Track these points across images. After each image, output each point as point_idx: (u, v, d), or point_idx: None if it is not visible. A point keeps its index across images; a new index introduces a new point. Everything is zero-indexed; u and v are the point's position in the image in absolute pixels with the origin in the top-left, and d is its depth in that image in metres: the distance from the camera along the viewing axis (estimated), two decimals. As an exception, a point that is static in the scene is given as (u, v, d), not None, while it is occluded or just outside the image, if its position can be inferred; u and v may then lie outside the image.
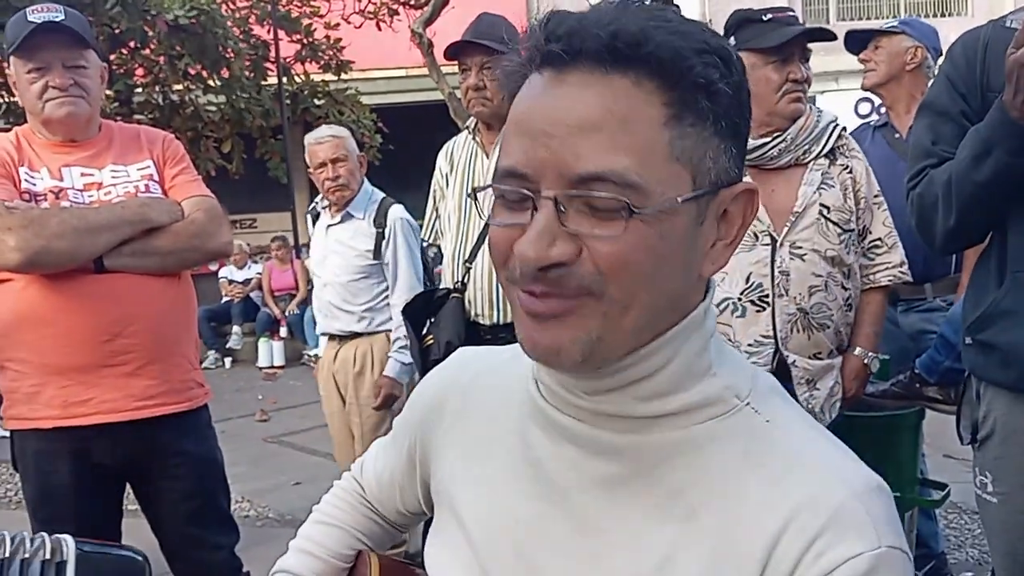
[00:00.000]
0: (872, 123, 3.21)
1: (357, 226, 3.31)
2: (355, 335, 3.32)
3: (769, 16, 2.19)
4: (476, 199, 0.79)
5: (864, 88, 3.16)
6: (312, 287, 3.78)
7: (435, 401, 0.93)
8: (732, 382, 0.75)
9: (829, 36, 2.27)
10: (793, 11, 2.25)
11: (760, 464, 0.71)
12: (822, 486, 0.69)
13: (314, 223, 3.51)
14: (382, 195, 3.41)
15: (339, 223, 3.33)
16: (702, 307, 0.75)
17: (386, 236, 3.28)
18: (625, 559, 0.73)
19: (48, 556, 1.26)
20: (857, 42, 3.15)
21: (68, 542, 1.28)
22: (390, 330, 3.32)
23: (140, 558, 1.37)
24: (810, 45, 2.23)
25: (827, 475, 0.70)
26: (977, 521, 3.62)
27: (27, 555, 1.25)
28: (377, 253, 3.28)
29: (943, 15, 14.07)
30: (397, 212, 3.35)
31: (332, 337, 3.40)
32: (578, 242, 0.67)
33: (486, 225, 2.32)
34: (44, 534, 1.28)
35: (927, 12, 13.44)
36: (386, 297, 3.30)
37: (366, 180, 3.40)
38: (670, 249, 0.68)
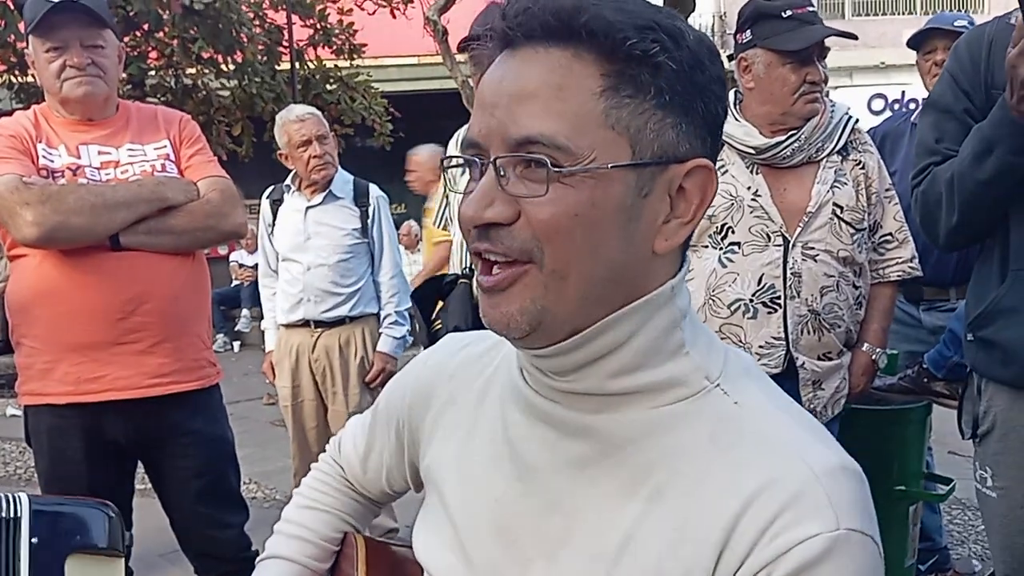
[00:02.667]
0: (914, 118, 3.05)
1: (341, 205, 3.28)
2: (339, 322, 3.27)
3: (789, 12, 2.11)
4: (445, 170, 0.83)
5: None
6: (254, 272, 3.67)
7: (424, 387, 0.95)
8: (703, 363, 0.76)
9: (850, 37, 2.21)
10: (813, 5, 2.16)
11: (725, 447, 0.72)
12: (783, 468, 0.70)
13: (275, 206, 3.38)
14: (353, 176, 3.40)
15: (320, 204, 3.27)
16: (670, 284, 0.75)
17: (370, 214, 3.28)
18: (592, 537, 0.75)
19: None
20: (922, 40, 3.05)
21: (22, 499, 1.24)
22: (373, 314, 3.33)
23: (105, 510, 1.33)
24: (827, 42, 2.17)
25: (789, 457, 0.71)
26: (981, 517, 3.62)
27: None
28: (364, 231, 3.28)
29: (960, 11, 13.98)
30: (376, 190, 3.36)
31: (305, 324, 3.28)
32: (516, 206, 0.70)
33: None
34: None
35: (944, 8, 13.35)
36: (370, 277, 3.31)
37: None
38: (604, 216, 0.70)
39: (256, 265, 10.06)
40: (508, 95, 0.71)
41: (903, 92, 13.09)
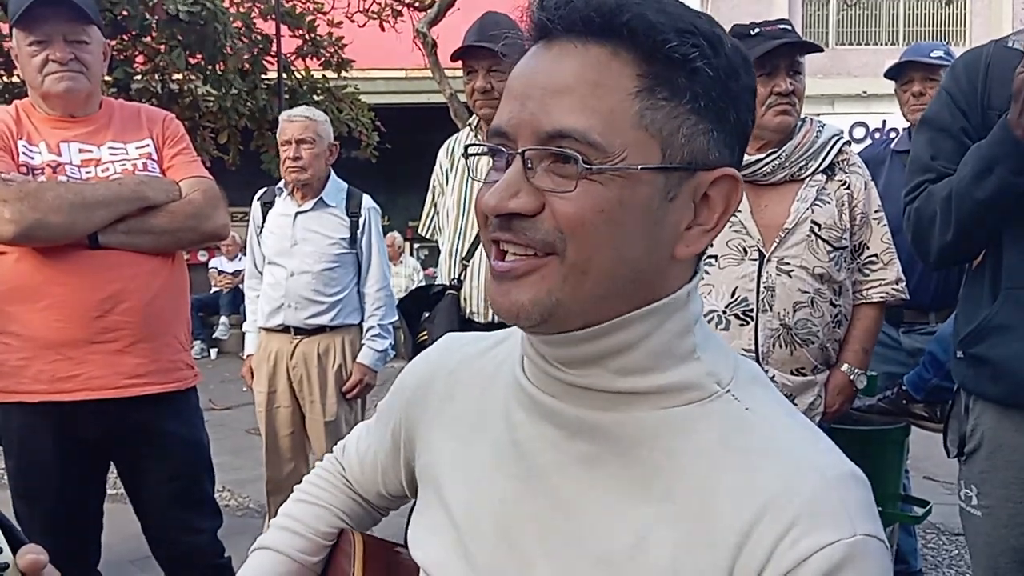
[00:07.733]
0: (893, 145, 3.15)
1: (331, 213, 3.26)
2: (319, 329, 3.23)
3: (757, 30, 2.18)
4: (467, 158, 0.82)
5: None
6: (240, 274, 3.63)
7: (422, 385, 0.94)
8: (714, 369, 0.76)
9: (814, 49, 2.26)
10: (787, 24, 2.21)
11: (736, 451, 0.72)
12: (796, 474, 0.70)
13: (266, 209, 3.34)
14: (348, 186, 3.38)
15: (310, 210, 3.24)
16: (685, 289, 0.75)
17: (360, 225, 3.27)
18: (600, 538, 0.74)
19: None
20: (899, 71, 3.10)
21: None
22: (354, 324, 3.29)
23: None
24: (809, 69, 2.22)
25: (801, 463, 0.71)
26: (955, 542, 3.64)
27: None
28: (353, 241, 3.26)
29: (941, 42, 14.15)
30: (369, 201, 3.34)
31: (285, 330, 3.24)
32: (540, 198, 0.70)
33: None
34: None
35: (925, 39, 13.54)
36: (354, 288, 3.29)
37: (331, 170, 3.35)
38: (630, 217, 0.70)
39: (236, 272, 10.07)
40: (542, 87, 0.70)
41: (884, 121, 13.24)
